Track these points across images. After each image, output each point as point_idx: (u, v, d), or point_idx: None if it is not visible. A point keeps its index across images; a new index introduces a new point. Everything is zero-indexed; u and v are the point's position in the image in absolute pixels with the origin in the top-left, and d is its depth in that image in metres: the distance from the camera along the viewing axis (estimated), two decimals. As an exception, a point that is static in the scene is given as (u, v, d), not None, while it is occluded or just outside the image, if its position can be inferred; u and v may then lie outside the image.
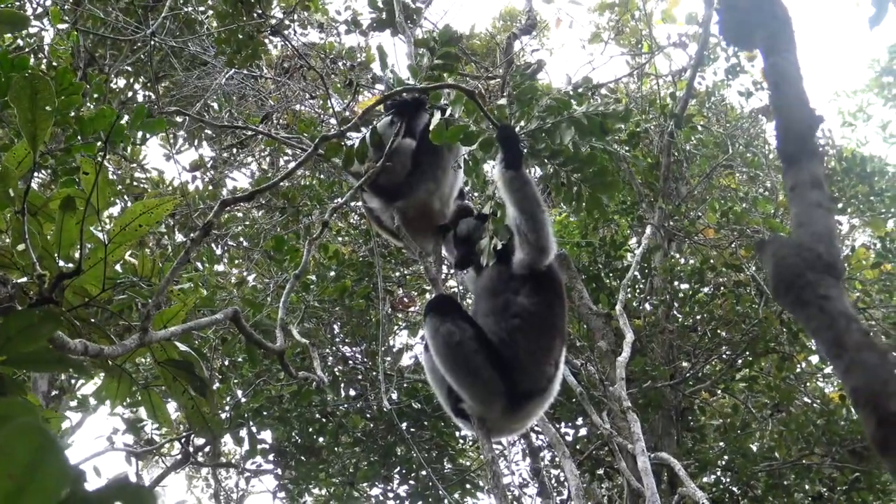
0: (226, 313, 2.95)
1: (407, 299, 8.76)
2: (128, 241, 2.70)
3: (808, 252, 1.01)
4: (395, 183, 4.80)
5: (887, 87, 13.82)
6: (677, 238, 8.94)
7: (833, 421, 8.08)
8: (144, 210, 2.70)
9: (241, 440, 8.20)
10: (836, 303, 0.97)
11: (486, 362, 3.86)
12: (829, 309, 0.97)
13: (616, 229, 9.05)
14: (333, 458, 8.42)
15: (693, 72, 9.23)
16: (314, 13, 9.64)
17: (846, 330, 0.96)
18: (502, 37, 9.88)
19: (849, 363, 0.94)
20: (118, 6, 7.83)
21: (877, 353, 0.93)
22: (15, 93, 2.32)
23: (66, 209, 2.57)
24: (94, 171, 2.58)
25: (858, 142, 13.57)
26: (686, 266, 8.87)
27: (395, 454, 8.39)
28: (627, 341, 6.29)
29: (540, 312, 4.03)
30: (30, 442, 0.82)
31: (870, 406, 0.90)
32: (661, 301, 8.32)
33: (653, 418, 7.84)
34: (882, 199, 9.28)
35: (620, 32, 10.59)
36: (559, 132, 3.68)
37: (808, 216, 1.06)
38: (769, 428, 8.50)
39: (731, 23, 1.30)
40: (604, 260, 8.67)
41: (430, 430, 8.41)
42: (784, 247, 1.02)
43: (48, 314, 2.01)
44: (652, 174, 8.92)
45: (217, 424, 2.64)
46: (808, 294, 0.99)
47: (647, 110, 9.66)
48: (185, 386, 2.57)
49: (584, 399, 6.29)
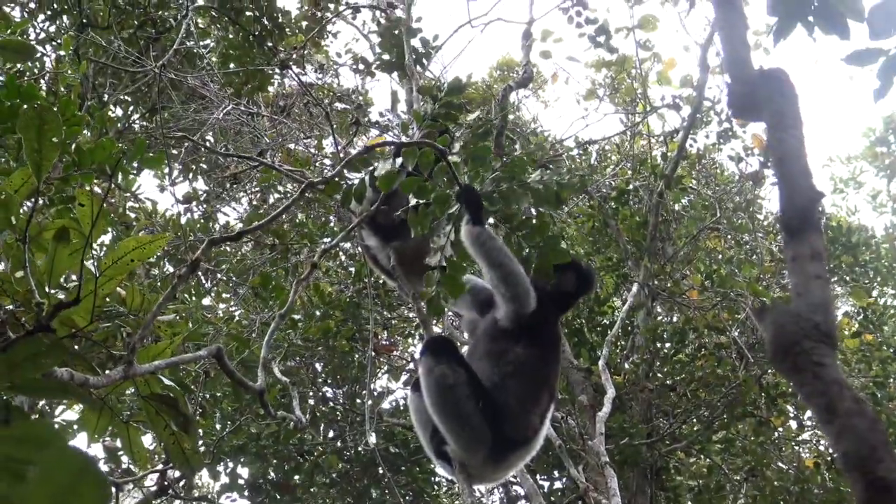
0: (209, 350, 2.97)
1: (390, 344, 8.79)
2: (118, 274, 2.70)
3: (805, 321, 1.06)
4: (393, 223, 4.83)
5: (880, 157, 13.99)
6: (661, 297, 8.99)
7: (808, 489, 8.11)
8: (137, 245, 2.71)
9: (218, 474, 8.19)
10: (830, 370, 1.03)
11: (475, 409, 3.87)
12: (823, 376, 1.02)
13: (601, 286, 9.11)
14: (308, 498, 8.39)
15: (685, 133, 9.34)
16: (315, 54, 9.74)
17: (839, 397, 1.01)
18: (499, 87, 9.98)
19: (840, 428, 0.99)
20: (121, 36, 7.89)
21: (867, 419, 0.99)
22: (23, 123, 2.36)
23: (59, 239, 2.59)
24: (89, 202, 2.60)
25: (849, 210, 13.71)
26: (669, 326, 8.93)
27: (369, 497, 8.38)
28: (609, 397, 6.32)
29: (533, 363, 4.05)
30: (70, 464, 0.85)
31: (859, 470, 0.95)
32: (643, 359, 8.36)
33: (628, 475, 7.85)
34: (866, 271, 9.39)
35: (616, 90, 10.71)
36: (515, 198, 3.72)
37: (807, 287, 1.11)
38: (744, 491, 8.52)
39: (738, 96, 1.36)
40: (587, 315, 8.72)
41: (407, 475, 8.40)
42: (783, 315, 1.08)
43: (55, 343, 2.04)
44: (639, 233, 8.99)
45: (197, 460, 2.65)
46: (804, 361, 1.04)
47: (637, 169, 9.76)
48: (167, 421, 2.59)
49: (562, 452, 6.31)
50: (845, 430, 0.98)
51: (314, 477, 8.34)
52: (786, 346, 1.05)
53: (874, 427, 0.98)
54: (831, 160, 14.87)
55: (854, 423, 0.98)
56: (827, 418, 1.00)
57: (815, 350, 1.04)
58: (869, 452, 0.95)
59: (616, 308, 8.64)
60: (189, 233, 8.24)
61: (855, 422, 0.98)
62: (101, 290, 2.60)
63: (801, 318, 1.07)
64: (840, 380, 1.03)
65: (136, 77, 8.23)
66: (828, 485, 8.24)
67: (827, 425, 1.01)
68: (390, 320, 8.75)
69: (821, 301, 1.09)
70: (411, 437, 8.15)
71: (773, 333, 1.06)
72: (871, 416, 0.99)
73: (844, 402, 1.00)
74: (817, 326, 1.06)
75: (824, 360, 1.03)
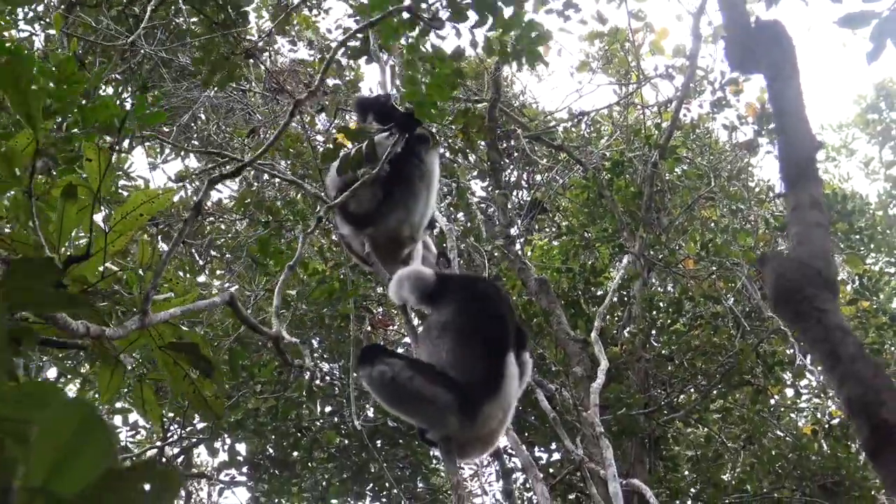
0: (223, 297, 2.98)
1: (386, 318, 8.79)
2: (128, 230, 2.69)
3: (807, 268, 1.06)
4: (366, 210, 4.82)
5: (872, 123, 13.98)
6: (657, 267, 8.99)
7: (805, 456, 8.14)
8: (146, 199, 2.69)
9: (216, 451, 8.21)
10: (832, 316, 1.02)
11: (424, 382, 3.89)
12: (826, 322, 1.02)
13: (597, 256, 9.11)
14: (306, 473, 8.41)
15: (679, 103, 9.32)
16: (305, 30, 9.69)
17: (841, 342, 1.01)
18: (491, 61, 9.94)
19: (843, 373, 0.99)
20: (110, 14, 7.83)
21: (870, 364, 0.98)
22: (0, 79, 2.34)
23: (67, 197, 2.57)
24: (97, 156, 2.58)
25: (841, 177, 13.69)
26: (664, 296, 8.94)
27: (368, 471, 8.40)
28: (602, 368, 6.32)
29: (451, 322, 4.14)
30: (74, 416, 0.84)
31: (863, 414, 0.95)
32: (640, 329, 8.37)
33: (626, 445, 7.87)
34: (861, 238, 9.39)
35: (609, 62, 10.67)
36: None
37: (808, 235, 1.11)
38: (741, 460, 8.55)
39: (736, 49, 1.35)
40: (583, 286, 8.72)
41: (405, 449, 8.43)
42: (785, 263, 1.07)
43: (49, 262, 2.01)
44: (634, 203, 8.97)
45: (219, 406, 2.63)
46: (807, 308, 1.03)
47: (631, 140, 9.75)
48: (186, 370, 2.57)
49: (557, 424, 6.31)
50: (849, 375, 0.98)
51: (313, 452, 8.36)
52: (788, 293, 1.05)
53: (877, 372, 0.98)
54: (823, 128, 14.88)
55: (857, 368, 0.98)
56: (830, 364, 1.00)
57: (818, 297, 1.04)
58: (873, 396, 0.95)
59: (612, 279, 8.63)
60: (182, 211, 8.21)
61: (858, 367, 0.98)
62: (112, 246, 2.58)
63: (803, 266, 1.06)
64: (842, 326, 1.02)
65: (125, 56, 8.19)
66: (825, 452, 8.27)
67: (830, 371, 1.00)
68: (384, 294, 8.74)
69: (822, 249, 1.09)
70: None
71: (775, 281, 1.06)
72: (874, 360, 0.99)
73: (847, 347, 1.00)
74: (819, 273, 1.06)
75: (826, 307, 1.03)
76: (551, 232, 10.24)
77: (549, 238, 9.86)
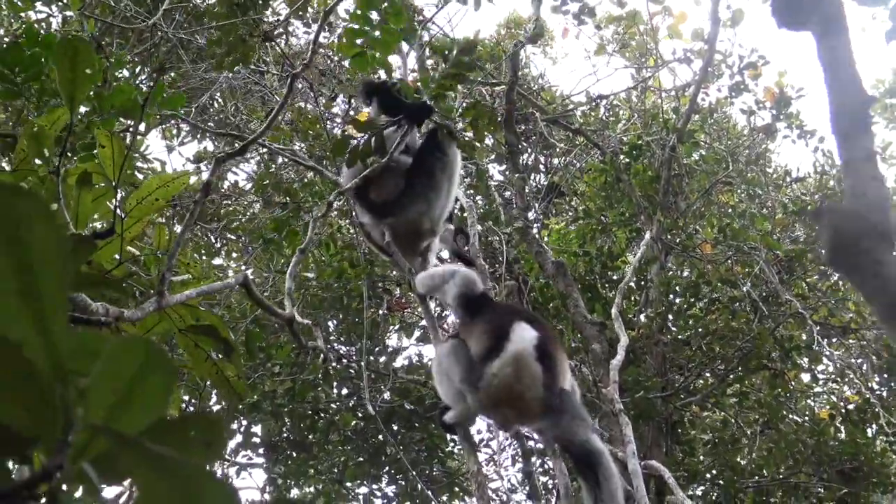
0: (237, 279, 2.97)
1: (403, 300, 8.78)
2: (144, 215, 2.68)
3: (863, 220, 1.04)
4: (386, 200, 4.81)
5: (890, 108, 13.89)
6: (674, 251, 8.97)
7: (823, 441, 8.12)
8: (161, 183, 2.68)
9: (233, 433, 8.22)
10: (890, 268, 1.00)
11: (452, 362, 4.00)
12: (883, 274, 1.00)
13: (614, 240, 9.09)
14: (323, 455, 8.43)
15: (697, 87, 9.28)
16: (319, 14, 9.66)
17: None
18: (508, 44, 9.91)
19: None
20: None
21: (930, 316, 0.97)
22: (58, 53, 2.33)
23: (83, 184, 2.55)
24: (109, 143, 2.57)
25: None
26: (682, 280, 8.91)
27: (384, 454, 8.42)
28: (622, 344, 6.26)
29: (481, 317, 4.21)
30: (136, 355, 0.83)
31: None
32: (657, 313, 8.35)
33: (643, 429, 7.85)
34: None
35: (626, 46, 10.64)
36: None
37: (863, 187, 1.09)
38: (758, 444, 8.53)
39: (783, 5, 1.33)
40: (600, 270, 8.70)
41: (421, 432, 8.43)
42: (840, 215, 1.06)
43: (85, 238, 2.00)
44: (652, 187, 8.95)
45: (242, 387, 2.62)
46: (864, 260, 1.02)
47: (649, 124, 9.72)
48: (207, 351, 2.55)
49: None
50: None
51: (329, 434, 8.38)
52: (845, 245, 1.03)
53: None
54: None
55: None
56: (889, 315, 0.98)
57: (875, 249, 1.02)
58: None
59: (629, 263, 8.61)
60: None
61: (918, 319, 0.96)
62: (128, 232, 2.57)
63: (859, 218, 1.05)
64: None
65: (143, 37, 8.18)
66: (843, 437, 8.26)
67: (888, 321, 0.99)
68: (404, 276, 8.74)
69: (878, 201, 1.07)
70: (426, 393, 8.17)
71: (830, 234, 1.04)
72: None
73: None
74: (875, 225, 1.04)
75: (884, 258, 1.01)
76: (569, 216, 10.22)
77: (567, 222, 9.84)
